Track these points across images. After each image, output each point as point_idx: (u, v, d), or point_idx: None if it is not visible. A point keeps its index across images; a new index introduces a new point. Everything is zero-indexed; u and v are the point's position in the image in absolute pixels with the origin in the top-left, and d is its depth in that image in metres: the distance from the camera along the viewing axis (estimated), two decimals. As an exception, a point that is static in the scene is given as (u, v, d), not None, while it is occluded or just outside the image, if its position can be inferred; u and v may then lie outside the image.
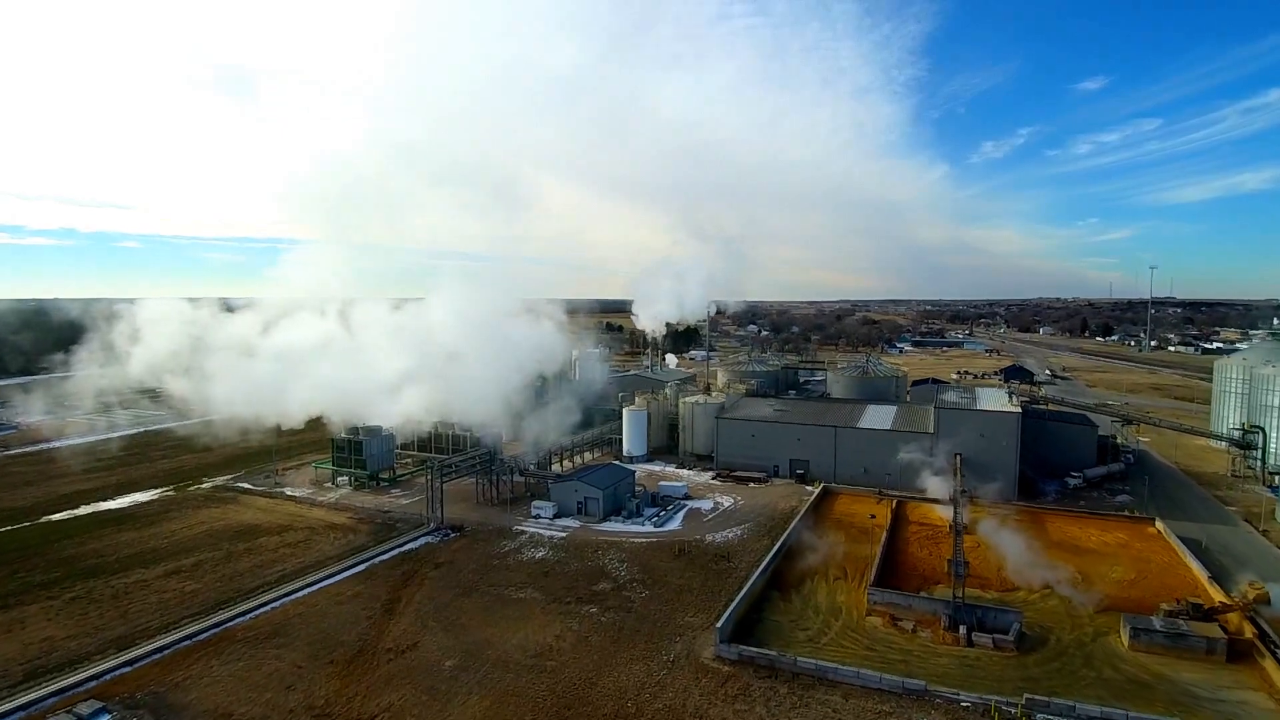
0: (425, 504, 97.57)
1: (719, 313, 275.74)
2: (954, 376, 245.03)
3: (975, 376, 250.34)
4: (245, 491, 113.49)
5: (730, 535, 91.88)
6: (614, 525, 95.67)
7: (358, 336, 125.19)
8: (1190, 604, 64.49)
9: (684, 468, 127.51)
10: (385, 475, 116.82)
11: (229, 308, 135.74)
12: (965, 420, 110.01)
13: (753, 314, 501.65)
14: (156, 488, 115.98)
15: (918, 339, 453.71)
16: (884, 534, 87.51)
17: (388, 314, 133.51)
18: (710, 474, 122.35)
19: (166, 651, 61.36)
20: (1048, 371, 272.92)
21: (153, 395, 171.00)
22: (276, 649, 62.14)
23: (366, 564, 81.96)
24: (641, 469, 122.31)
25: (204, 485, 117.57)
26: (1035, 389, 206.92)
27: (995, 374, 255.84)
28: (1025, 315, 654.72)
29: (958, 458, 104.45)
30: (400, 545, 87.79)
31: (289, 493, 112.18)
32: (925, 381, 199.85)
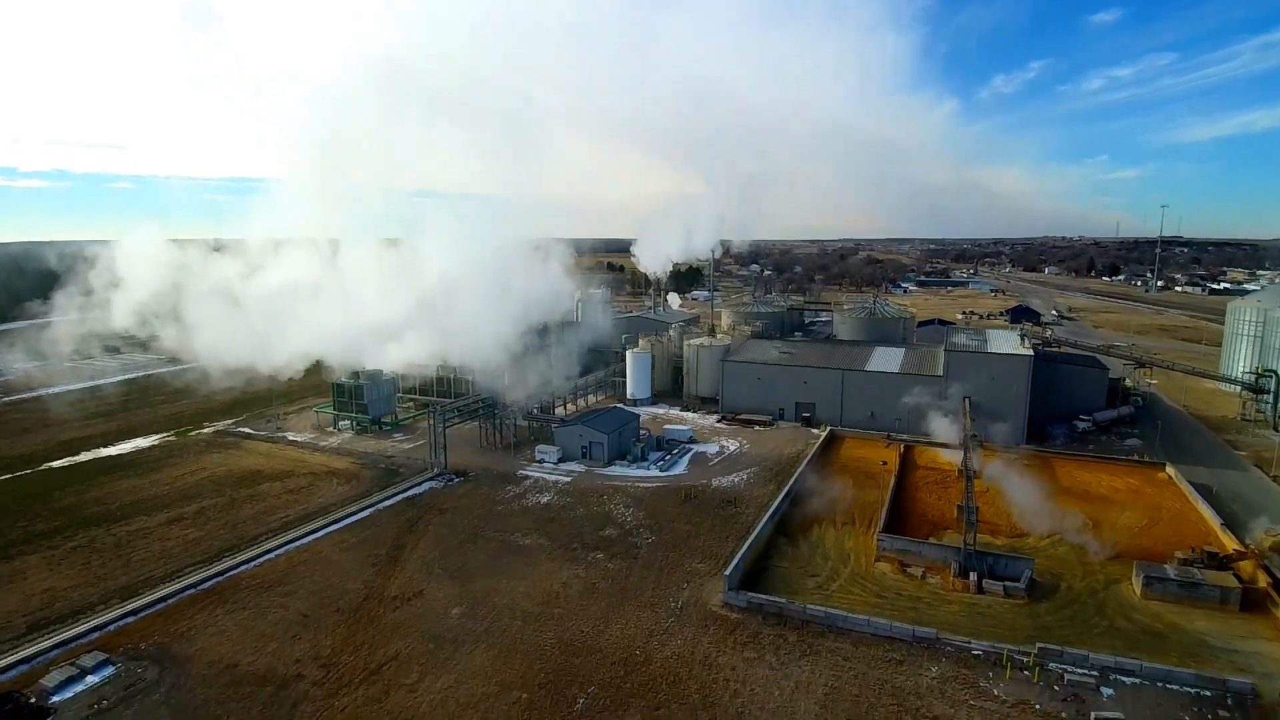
0: (428, 449, 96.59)
1: (724, 253, 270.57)
2: (960, 317, 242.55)
3: (981, 317, 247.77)
4: (247, 436, 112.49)
5: (736, 480, 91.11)
6: (619, 470, 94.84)
7: (355, 278, 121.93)
8: (1205, 552, 63.70)
9: (689, 411, 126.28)
10: (387, 420, 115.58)
11: (217, 248, 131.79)
12: (976, 363, 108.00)
13: (755, 254, 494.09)
14: (158, 433, 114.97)
15: (922, 279, 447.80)
16: (892, 479, 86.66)
17: (385, 254, 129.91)
18: (715, 417, 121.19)
19: (171, 601, 60.89)
20: (1054, 312, 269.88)
21: (142, 343, 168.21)
22: (281, 597, 61.72)
23: (370, 510, 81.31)
24: (646, 412, 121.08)
25: (205, 430, 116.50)
26: (1043, 330, 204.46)
27: (1001, 314, 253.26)
28: (1031, 255, 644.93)
29: (967, 401, 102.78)
30: (404, 491, 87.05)
31: (290, 437, 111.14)
32: (931, 322, 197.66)
